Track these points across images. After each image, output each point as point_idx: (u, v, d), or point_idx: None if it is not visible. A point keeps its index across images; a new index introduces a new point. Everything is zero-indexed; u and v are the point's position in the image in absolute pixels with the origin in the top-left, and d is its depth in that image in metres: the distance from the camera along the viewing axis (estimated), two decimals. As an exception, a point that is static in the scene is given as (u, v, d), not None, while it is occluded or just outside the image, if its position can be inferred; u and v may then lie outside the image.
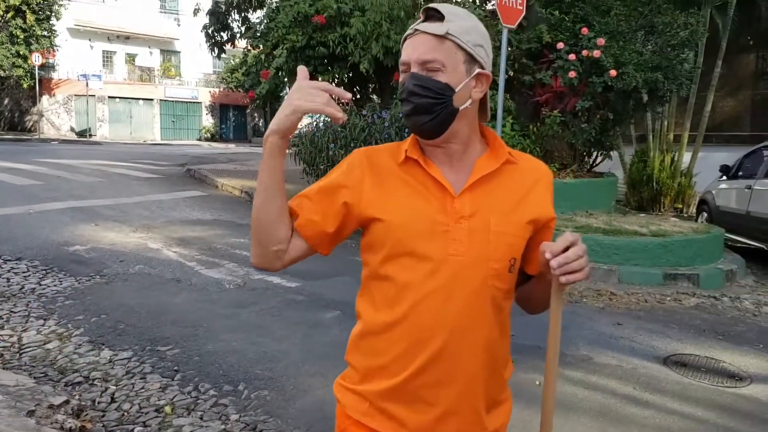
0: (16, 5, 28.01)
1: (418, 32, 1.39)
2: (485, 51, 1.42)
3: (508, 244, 1.42)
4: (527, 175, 1.50)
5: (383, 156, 1.49)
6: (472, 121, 1.46)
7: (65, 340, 4.61)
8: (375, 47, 8.08)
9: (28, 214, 8.94)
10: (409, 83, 1.38)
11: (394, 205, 1.43)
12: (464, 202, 1.42)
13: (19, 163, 14.93)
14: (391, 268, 1.43)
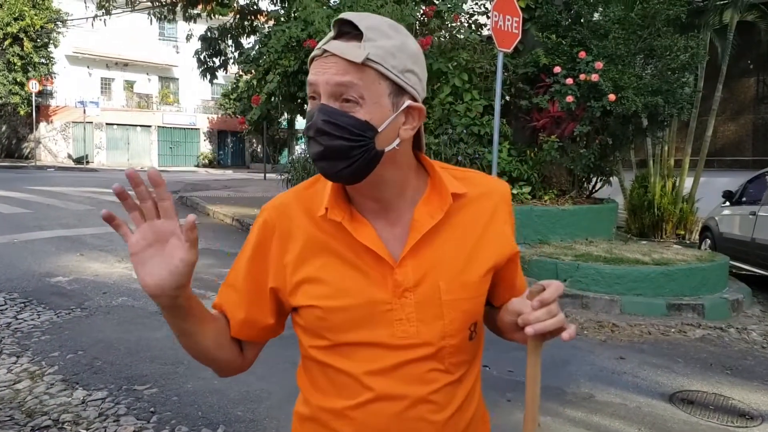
0: (13, 33, 28.16)
1: (328, 53, 1.07)
2: (417, 76, 1.12)
3: (464, 311, 1.17)
4: (480, 208, 1.23)
5: (298, 214, 1.20)
6: (404, 161, 1.17)
7: (37, 379, 4.37)
8: (368, 72, 7.91)
9: (12, 244, 8.72)
10: (317, 118, 1.06)
11: (322, 285, 1.16)
12: (407, 270, 1.14)
13: (10, 191, 14.79)
14: (329, 358, 1.18)
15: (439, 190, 1.18)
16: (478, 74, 8.38)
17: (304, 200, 1.21)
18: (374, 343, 1.13)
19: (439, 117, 8.05)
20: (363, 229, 1.14)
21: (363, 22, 1.06)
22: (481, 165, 7.66)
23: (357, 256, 1.14)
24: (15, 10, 28.22)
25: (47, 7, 29.93)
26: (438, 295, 1.14)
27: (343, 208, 1.16)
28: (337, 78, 1.05)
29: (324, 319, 1.15)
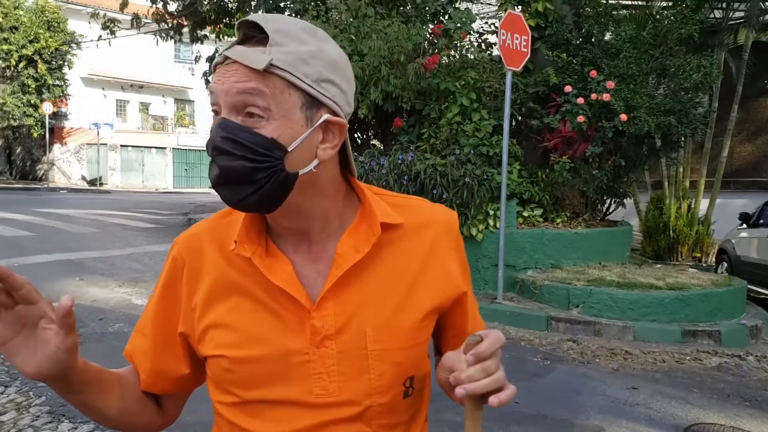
0: (28, 55, 28.48)
1: (229, 60, 0.92)
2: (337, 87, 0.95)
3: (396, 363, 0.99)
4: (418, 241, 1.05)
5: (210, 248, 1.03)
6: (327, 185, 1.00)
7: (23, 411, 4.24)
8: (374, 92, 7.80)
9: (11, 268, 8.55)
10: (215, 135, 0.91)
11: (230, 332, 0.98)
12: (326, 313, 0.97)
13: (16, 213, 14.83)
14: (237, 417, 0.99)
15: (369, 220, 1.01)
16: (487, 93, 8.24)
17: (218, 231, 1.04)
18: (288, 401, 0.96)
19: (447, 137, 7.89)
20: (277, 266, 0.98)
21: (270, 25, 0.91)
22: (489, 186, 7.47)
23: (271, 297, 0.98)
24: (30, 32, 28.59)
25: (62, 29, 30.32)
26: (364, 345, 0.97)
27: (255, 241, 0.99)
28: (238, 86, 0.89)
29: (231, 371, 0.97)
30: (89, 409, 0.99)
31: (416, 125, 8.36)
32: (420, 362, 1.02)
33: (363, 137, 9.65)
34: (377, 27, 8.04)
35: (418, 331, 1.01)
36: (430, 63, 7.77)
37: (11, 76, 29.65)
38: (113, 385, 1.02)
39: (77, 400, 0.97)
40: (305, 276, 0.98)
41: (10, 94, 28.92)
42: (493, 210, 7.54)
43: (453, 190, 7.40)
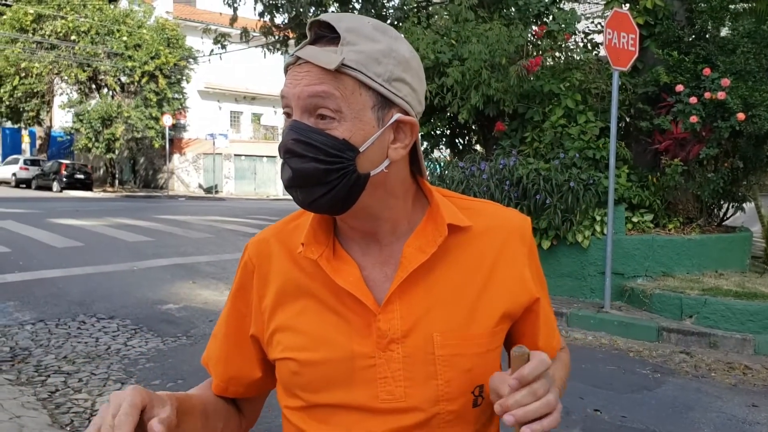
0: (150, 71, 30.28)
1: (301, 61, 0.92)
2: (409, 86, 0.94)
3: (466, 370, 0.96)
4: (487, 244, 1.02)
5: (278, 252, 1.04)
6: (397, 186, 0.99)
7: (138, 408, 4.44)
8: (474, 96, 7.71)
9: (132, 272, 9.16)
10: (287, 137, 0.91)
11: (297, 335, 0.99)
12: (392, 316, 0.95)
13: (137, 219, 15.73)
14: (304, 422, 0.99)
15: (435, 221, 0.98)
16: (593, 95, 7.97)
17: (285, 235, 1.05)
18: (354, 406, 0.95)
19: (551, 141, 7.69)
20: (344, 268, 0.97)
21: (342, 24, 0.90)
22: (596, 191, 7.21)
23: (338, 299, 0.97)
24: (152, 49, 30.39)
25: (180, 45, 32.03)
26: (431, 349, 0.95)
27: (322, 243, 0.99)
28: (309, 89, 0.89)
29: (298, 374, 0.97)
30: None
31: (519, 129, 8.20)
32: (491, 370, 0.97)
33: (464, 142, 9.58)
34: (478, 31, 7.96)
35: (488, 337, 0.98)
36: (532, 65, 7.60)
37: (135, 91, 31.66)
38: (196, 410, 1.02)
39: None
40: (373, 279, 0.98)
41: (134, 107, 30.85)
42: (600, 215, 7.26)
43: (557, 196, 7.19)
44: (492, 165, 7.56)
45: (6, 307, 6.97)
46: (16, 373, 5.02)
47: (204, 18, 32.65)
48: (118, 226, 14.18)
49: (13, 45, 31.39)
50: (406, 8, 9.47)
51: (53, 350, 5.61)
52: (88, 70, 31.11)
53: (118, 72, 31.13)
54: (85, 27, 30.66)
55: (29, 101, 33.53)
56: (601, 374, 5.43)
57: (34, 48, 31.32)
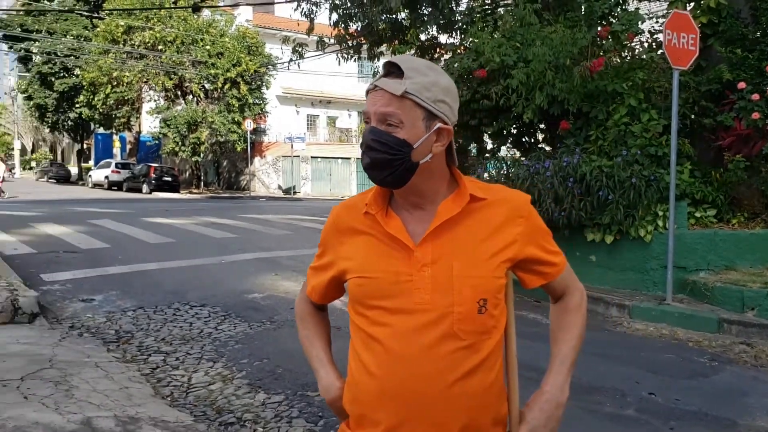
0: (232, 78, 31.52)
1: (378, 88, 1.42)
2: (448, 105, 1.44)
3: (472, 286, 1.43)
4: (495, 211, 1.50)
5: (352, 212, 1.57)
6: (437, 171, 1.49)
7: (228, 382, 4.97)
8: (538, 97, 7.98)
9: (220, 264, 9.88)
10: (367, 137, 1.42)
11: (361, 261, 1.50)
12: (426, 250, 1.44)
13: (223, 218, 16.57)
14: (364, 321, 1.49)
15: (462, 193, 1.48)
16: (657, 93, 8.10)
17: (356, 202, 1.57)
18: (396, 308, 1.44)
19: (614, 138, 7.88)
20: (392, 222, 1.48)
21: (405, 64, 1.42)
22: (658, 187, 7.37)
23: (388, 240, 1.47)
24: (234, 57, 31.63)
25: (260, 53, 33.18)
26: (450, 273, 1.43)
27: (380, 206, 1.50)
28: (382, 109, 1.41)
29: (361, 286, 1.48)
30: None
31: (583, 128, 8.42)
32: (491, 291, 1.45)
33: (531, 141, 9.83)
34: (542, 34, 8.23)
35: (490, 268, 1.46)
36: (595, 65, 7.82)
37: (218, 97, 33.01)
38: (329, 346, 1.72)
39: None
40: (413, 230, 1.48)
41: (217, 113, 32.18)
42: (662, 211, 7.42)
43: (619, 192, 7.39)
44: (556, 163, 7.81)
45: (110, 296, 7.75)
46: (122, 352, 5.69)
47: (282, 25, 33.68)
48: (205, 224, 15.05)
49: (105, 56, 33.29)
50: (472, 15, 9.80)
51: (152, 333, 6.28)
52: (174, 78, 32.63)
53: (202, 79, 32.52)
54: (171, 37, 32.17)
55: (120, 108, 35.45)
56: (658, 361, 5.63)
57: (124, 58, 33.06)
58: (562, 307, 1.65)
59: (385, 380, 1.43)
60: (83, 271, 9.10)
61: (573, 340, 1.60)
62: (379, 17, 10.63)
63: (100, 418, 4.00)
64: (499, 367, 1.52)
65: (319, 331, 1.72)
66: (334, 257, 1.58)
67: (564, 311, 1.64)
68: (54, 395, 4.35)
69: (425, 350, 1.41)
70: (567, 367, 1.57)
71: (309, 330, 1.72)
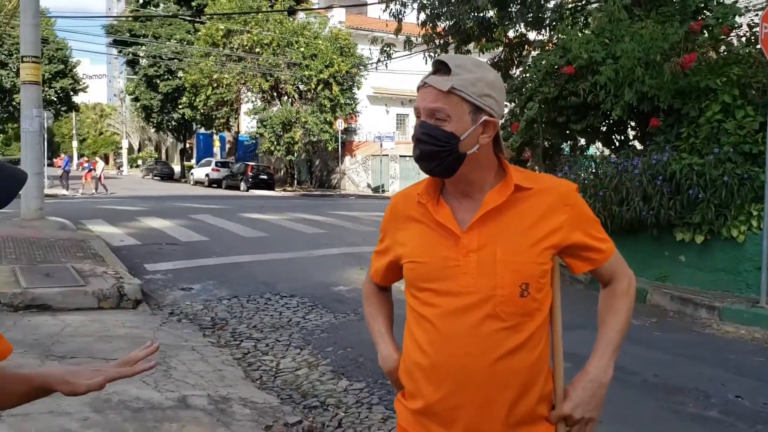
0: (324, 78, 32.22)
1: (427, 85, 1.53)
2: (493, 99, 1.53)
3: (514, 271, 1.52)
4: (540, 200, 1.58)
5: (408, 201, 1.68)
6: (484, 161, 1.57)
7: (313, 369, 5.23)
8: (627, 93, 7.85)
9: (309, 258, 10.25)
10: (417, 131, 1.54)
11: (414, 247, 1.61)
12: (472, 237, 1.54)
13: (314, 215, 17.04)
14: (416, 302, 1.61)
15: (508, 183, 1.57)
16: (755, 89, 7.79)
17: (411, 192, 1.69)
18: (444, 291, 1.56)
19: (707, 136, 7.64)
20: (441, 211, 1.59)
21: (452, 62, 1.53)
22: (752, 186, 7.10)
23: (437, 228, 1.59)
24: (326, 59, 32.33)
25: (352, 54, 33.75)
26: (494, 258, 1.53)
27: (432, 195, 1.62)
28: (430, 105, 1.52)
29: (413, 270, 1.61)
30: None
31: (674, 125, 8.20)
32: (534, 275, 1.54)
33: (620, 138, 9.65)
34: (632, 30, 8.08)
35: (533, 255, 1.54)
36: (687, 61, 7.62)
37: (311, 98, 33.82)
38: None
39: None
40: (461, 218, 1.58)
41: (310, 113, 32.98)
42: (756, 210, 7.14)
43: (710, 190, 7.18)
44: (645, 161, 7.67)
45: (207, 285, 8.22)
46: (217, 338, 6.07)
47: (373, 26, 34.11)
48: (296, 220, 15.56)
49: (206, 59, 34.78)
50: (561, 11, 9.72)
51: (245, 320, 6.64)
52: (270, 79, 33.67)
53: (297, 80, 33.39)
54: (267, 40, 33.21)
55: (220, 109, 36.92)
56: (748, 365, 5.48)
57: (224, 61, 34.43)
58: (610, 292, 1.70)
59: (435, 356, 1.56)
60: (183, 262, 9.69)
61: (619, 324, 1.66)
62: (466, 16, 10.70)
63: (194, 397, 4.32)
64: (543, 347, 1.60)
65: (382, 309, 1.87)
66: (391, 243, 1.71)
67: (612, 295, 1.70)
68: (154, 374, 4.70)
69: (470, 330, 1.52)
70: (611, 350, 1.64)
71: (372, 308, 1.88)
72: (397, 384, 1.73)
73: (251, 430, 3.88)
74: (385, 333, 1.82)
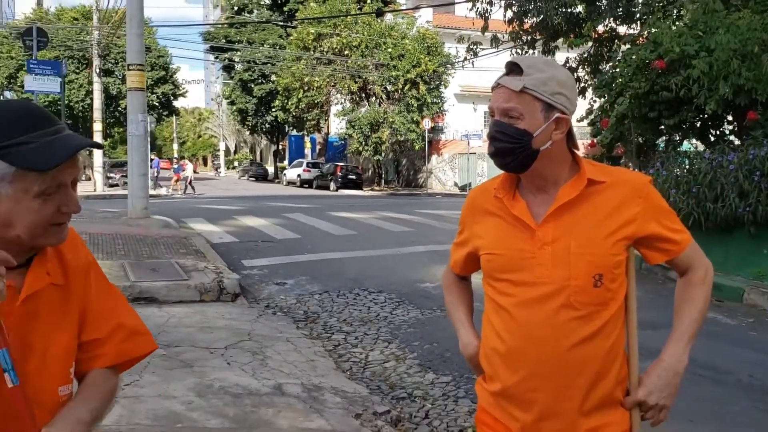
0: (411, 78, 32.39)
1: (500, 85, 1.61)
2: (565, 96, 1.58)
3: (588, 262, 1.58)
4: (614, 193, 1.62)
5: (485, 195, 1.76)
6: (557, 156, 1.63)
7: (400, 362, 5.38)
8: (722, 87, 7.59)
9: (396, 255, 10.44)
10: (492, 129, 1.62)
11: (490, 239, 1.70)
12: (546, 230, 1.61)
13: (401, 213, 17.21)
14: (493, 292, 1.70)
15: (581, 177, 1.63)
16: None
17: (487, 187, 1.78)
18: (520, 281, 1.64)
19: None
20: (517, 205, 1.67)
21: (523, 62, 1.60)
22: None
23: (513, 221, 1.67)
24: (414, 58, 32.49)
25: (439, 53, 33.78)
26: (568, 250, 1.59)
27: (508, 190, 1.69)
28: (504, 104, 1.59)
29: (491, 261, 1.70)
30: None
31: (774, 118, 7.89)
32: (608, 267, 1.59)
33: (715, 133, 9.32)
34: (727, 21, 7.81)
35: (606, 246, 1.59)
36: (787, 52, 7.31)
37: (399, 98, 34.08)
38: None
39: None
40: (536, 212, 1.63)
41: (397, 113, 33.24)
42: None
43: (812, 186, 6.87)
44: (741, 156, 7.41)
45: (300, 280, 8.55)
46: (309, 330, 6.33)
47: (461, 24, 33.97)
48: (384, 219, 15.79)
49: (298, 62, 35.72)
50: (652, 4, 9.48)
51: (335, 314, 6.88)
52: (358, 81, 34.16)
53: (384, 81, 33.74)
54: (356, 42, 33.70)
55: (311, 111, 37.75)
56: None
57: (314, 64, 35.20)
58: (686, 281, 1.73)
59: (511, 342, 1.64)
60: (277, 258, 10.08)
61: (695, 313, 1.68)
62: (554, 12, 10.61)
63: (289, 385, 4.57)
64: (617, 335, 1.65)
65: (462, 298, 1.97)
66: (470, 235, 1.80)
67: (688, 285, 1.72)
68: (251, 363, 5.02)
69: (545, 318, 1.58)
70: (687, 338, 1.67)
71: (453, 296, 1.99)
72: (477, 369, 1.83)
73: (342, 417, 4.06)
74: (465, 321, 1.91)
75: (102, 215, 14.80)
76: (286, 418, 3.98)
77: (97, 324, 1.45)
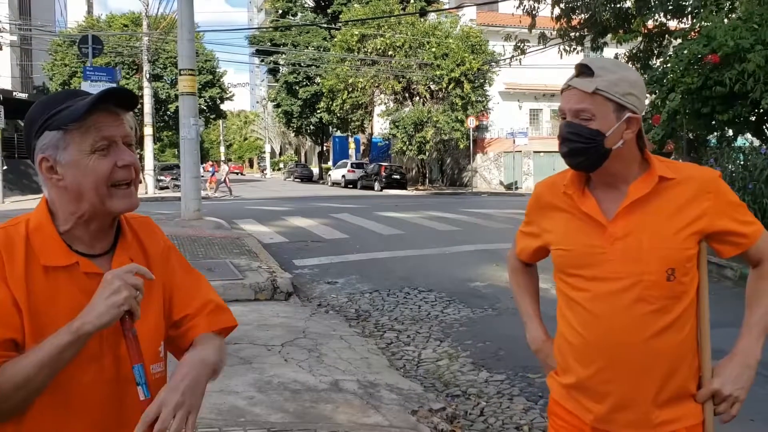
0: (455, 77, 32.29)
1: (571, 87, 1.64)
2: (635, 96, 1.62)
3: (661, 257, 1.61)
4: (684, 189, 1.64)
5: (553, 189, 1.79)
6: (628, 155, 1.66)
7: (453, 360, 5.44)
8: (783, 81, 7.43)
9: (444, 254, 10.48)
10: (564, 130, 1.65)
11: (560, 235, 1.74)
12: (617, 226, 1.64)
13: (446, 212, 17.23)
14: (566, 287, 1.74)
15: (652, 174, 1.66)
16: None
17: (560, 180, 1.80)
18: (592, 276, 1.67)
19: None
20: (586, 202, 1.70)
21: (594, 64, 1.63)
22: None
23: (583, 218, 1.70)
24: (458, 57, 32.39)
25: (483, 51, 33.60)
26: (640, 246, 1.62)
27: (577, 186, 1.73)
28: (576, 106, 1.62)
29: (562, 257, 1.74)
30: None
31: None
32: (680, 261, 1.62)
33: (773, 129, 9.10)
34: (782, 13, 7.65)
35: (678, 241, 1.62)
36: None
37: (443, 97, 34.02)
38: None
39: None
40: (606, 208, 1.66)
41: (441, 112, 33.18)
42: None
43: None
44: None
45: (350, 279, 8.66)
46: (361, 328, 6.42)
47: (505, 21, 33.70)
48: (430, 218, 15.83)
49: (342, 64, 35.97)
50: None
51: (386, 313, 6.96)
52: (402, 81, 34.22)
53: (428, 81, 33.71)
54: (399, 42, 33.76)
55: (355, 112, 37.93)
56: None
57: (358, 65, 35.38)
58: (758, 274, 1.72)
59: (587, 335, 1.67)
60: (327, 257, 10.24)
61: (766, 306, 1.68)
62: (603, 8, 10.49)
63: (345, 381, 4.66)
64: (691, 327, 1.66)
65: (529, 286, 1.99)
66: (538, 229, 1.83)
67: (760, 277, 1.72)
68: (307, 360, 5.13)
69: (619, 312, 1.61)
70: (758, 331, 1.68)
71: (519, 284, 2.02)
72: (545, 362, 1.87)
73: (399, 413, 4.12)
74: (533, 314, 1.95)
75: (156, 217, 14.79)
76: (344, 414, 4.06)
77: (187, 301, 1.55)
